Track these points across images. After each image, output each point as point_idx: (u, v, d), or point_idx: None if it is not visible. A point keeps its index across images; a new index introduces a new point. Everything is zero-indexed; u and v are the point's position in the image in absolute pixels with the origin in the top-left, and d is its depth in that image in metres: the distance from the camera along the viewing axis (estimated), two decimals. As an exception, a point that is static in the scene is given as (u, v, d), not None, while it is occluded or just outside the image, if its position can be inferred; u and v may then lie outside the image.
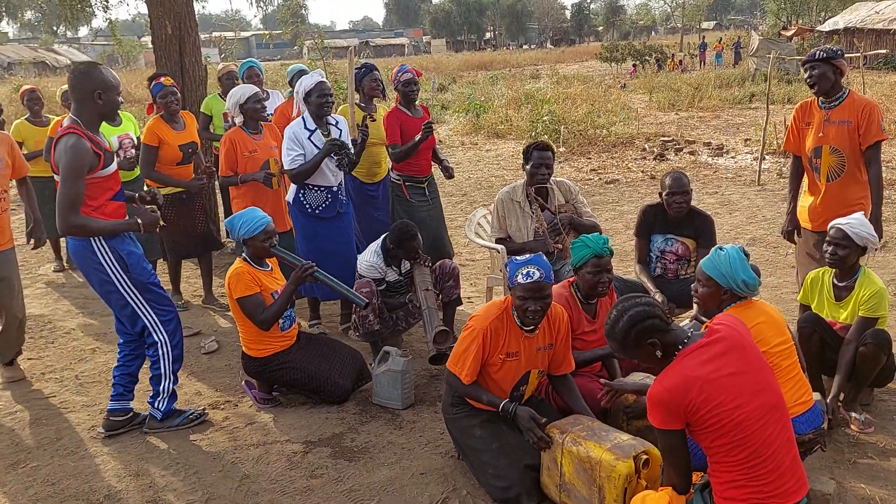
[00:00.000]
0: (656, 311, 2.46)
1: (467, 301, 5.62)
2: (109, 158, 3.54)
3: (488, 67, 40.57)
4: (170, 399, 3.85)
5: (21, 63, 45.98)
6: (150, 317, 3.69)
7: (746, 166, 10.94)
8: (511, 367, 3.25)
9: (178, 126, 5.40)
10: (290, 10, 26.39)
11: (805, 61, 4.30)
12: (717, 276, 3.10)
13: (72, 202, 3.36)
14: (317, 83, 4.71)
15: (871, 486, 3.19)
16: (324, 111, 4.74)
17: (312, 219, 4.82)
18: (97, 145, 3.45)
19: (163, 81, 5.30)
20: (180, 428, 3.86)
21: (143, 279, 3.65)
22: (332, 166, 4.76)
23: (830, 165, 4.27)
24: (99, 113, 3.50)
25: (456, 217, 8.67)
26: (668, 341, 2.45)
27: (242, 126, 5.00)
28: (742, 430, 2.31)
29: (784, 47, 25.20)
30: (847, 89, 4.27)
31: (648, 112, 18.23)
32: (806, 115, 4.41)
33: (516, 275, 3.11)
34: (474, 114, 16.64)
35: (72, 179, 3.34)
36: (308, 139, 4.70)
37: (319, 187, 4.78)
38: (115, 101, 3.52)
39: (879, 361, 3.57)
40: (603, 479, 2.83)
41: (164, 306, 3.74)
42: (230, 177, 4.97)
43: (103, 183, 3.51)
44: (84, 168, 3.37)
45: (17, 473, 3.55)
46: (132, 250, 3.64)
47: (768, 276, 5.94)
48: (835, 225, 3.71)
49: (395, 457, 3.58)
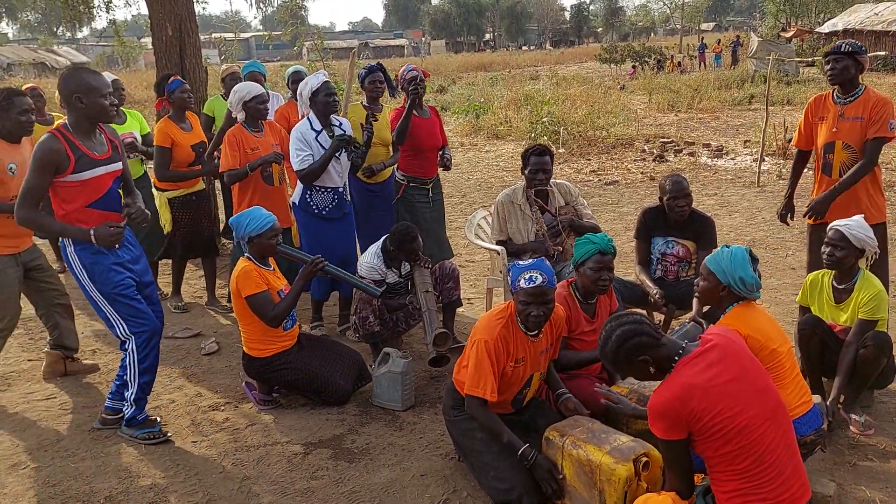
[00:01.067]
0: (644, 329, 2.47)
1: (467, 302, 5.62)
2: (86, 164, 3.49)
3: (488, 68, 40.59)
4: (135, 408, 3.78)
5: (21, 64, 46.00)
6: (120, 326, 3.66)
7: (746, 168, 10.95)
8: (518, 372, 3.24)
9: (186, 127, 5.46)
10: (290, 11, 26.38)
11: (828, 53, 4.27)
12: (718, 272, 3.11)
13: (25, 194, 3.44)
14: (322, 83, 4.73)
15: (872, 488, 3.19)
16: (330, 110, 4.76)
17: (319, 220, 4.84)
18: (75, 149, 3.45)
19: (180, 79, 5.49)
20: (134, 440, 3.78)
21: (109, 289, 3.59)
22: (338, 167, 4.78)
23: (843, 161, 4.28)
24: (84, 115, 3.50)
25: (456, 218, 8.68)
26: (661, 355, 2.46)
27: (244, 123, 5.01)
28: (745, 435, 2.31)
29: (783, 49, 25.25)
30: (864, 86, 4.27)
31: (648, 113, 18.24)
32: (820, 110, 4.41)
33: (519, 279, 3.10)
34: (474, 115, 16.65)
35: (32, 173, 3.43)
36: (315, 139, 4.72)
37: (326, 188, 4.80)
38: (99, 103, 3.47)
39: (879, 363, 3.58)
40: (603, 483, 2.84)
41: (136, 318, 3.66)
42: (237, 170, 4.89)
43: (76, 187, 3.49)
44: (46, 166, 3.41)
45: (18, 475, 3.56)
46: (98, 260, 3.56)
47: (768, 279, 5.94)
48: (833, 226, 3.72)
49: (395, 458, 3.58)
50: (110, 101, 3.54)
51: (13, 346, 5.23)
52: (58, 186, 3.49)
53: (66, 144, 3.44)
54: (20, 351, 5.14)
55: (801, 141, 4.56)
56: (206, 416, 4.08)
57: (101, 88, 3.48)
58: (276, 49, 62.14)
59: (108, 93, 3.52)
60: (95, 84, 3.47)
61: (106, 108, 3.52)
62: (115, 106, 3.60)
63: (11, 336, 5.40)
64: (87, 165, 3.50)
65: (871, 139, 4.16)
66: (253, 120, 4.97)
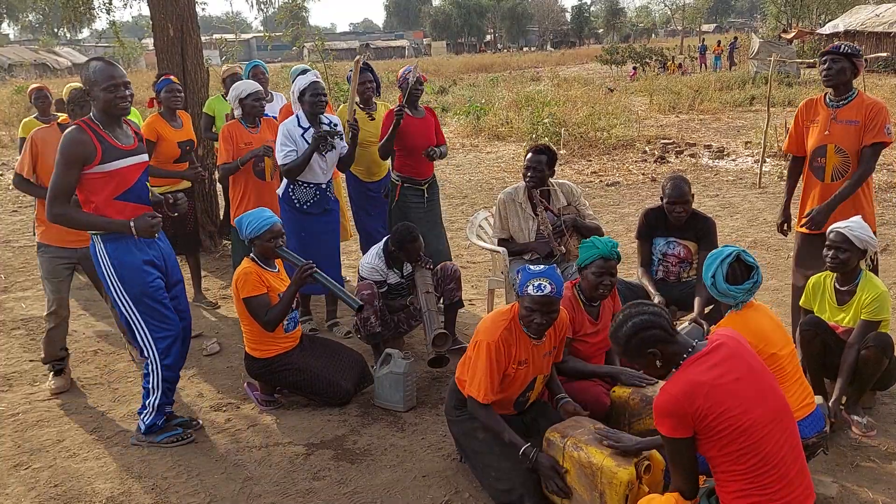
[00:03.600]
0: (662, 322, 2.46)
1: (469, 303, 5.62)
2: (113, 155, 3.43)
3: (488, 70, 40.58)
4: (156, 414, 3.73)
5: (22, 65, 46.03)
6: (142, 330, 3.59)
7: (747, 169, 10.94)
8: (521, 375, 3.24)
9: (177, 124, 5.51)
10: (291, 12, 26.36)
11: (827, 52, 4.19)
12: (704, 267, 3.11)
13: (56, 191, 3.36)
14: (311, 83, 4.78)
15: (874, 490, 3.18)
16: (317, 110, 4.80)
17: (300, 213, 4.93)
18: (101, 139, 3.40)
19: (171, 79, 5.52)
20: (162, 445, 3.73)
21: (136, 290, 3.52)
22: (322, 164, 4.85)
23: (835, 165, 4.21)
24: (99, 109, 3.45)
25: (457, 219, 8.68)
26: (671, 351, 2.45)
27: (241, 119, 5.06)
28: (750, 435, 2.31)
29: (784, 50, 25.23)
30: (857, 90, 4.21)
31: (649, 114, 18.22)
32: (811, 113, 4.34)
33: (527, 284, 3.06)
34: (475, 116, 16.65)
35: (59, 168, 3.36)
36: (301, 136, 4.78)
37: (308, 184, 4.89)
38: (104, 97, 3.37)
39: (882, 365, 3.57)
40: (604, 486, 2.83)
41: (161, 322, 3.59)
42: (229, 164, 4.98)
43: (103, 179, 3.43)
44: (74, 159, 3.34)
45: (20, 475, 3.56)
46: (128, 259, 3.50)
47: (769, 280, 5.94)
48: (834, 229, 3.70)
49: (397, 459, 3.58)
50: (117, 93, 3.39)
51: (14, 346, 5.24)
52: (84, 179, 3.41)
53: (92, 135, 3.38)
54: (21, 352, 5.14)
55: (794, 146, 4.45)
56: (208, 416, 4.08)
57: (102, 82, 3.37)
58: (276, 50, 62.15)
59: (114, 85, 3.38)
60: (96, 77, 3.38)
61: (111, 101, 3.40)
62: (122, 98, 3.42)
63: (13, 337, 5.44)
64: (113, 156, 3.43)
65: (868, 145, 4.10)
66: (249, 116, 5.04)
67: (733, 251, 3.09)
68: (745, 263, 3.09)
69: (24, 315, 5.88)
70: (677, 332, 2.50)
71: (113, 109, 3.44)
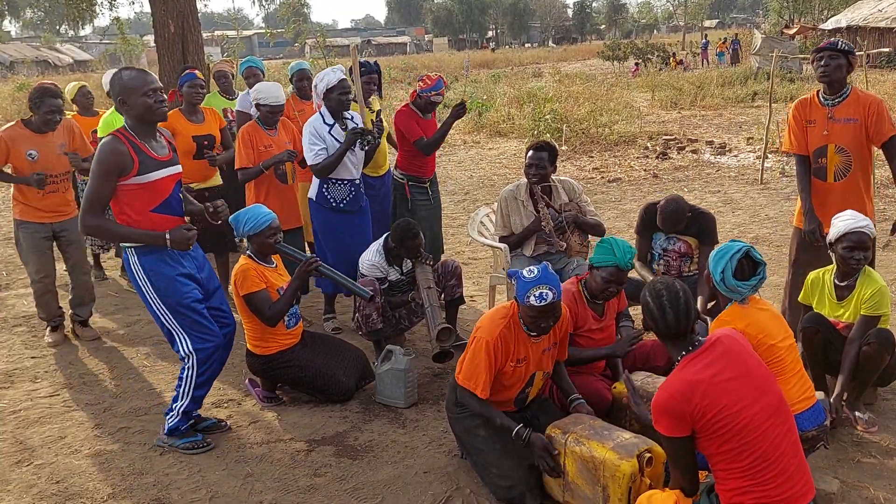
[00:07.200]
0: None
1: (470, 300, 5.62)
2: (150, 166, 3.37)
3: (490, 66, 40.54)
4: (180, 419, 3.68)
5: (23, 62, 46.07)
6: (183, 342, 3.54)
7: (749, 165, 10.93)
8: (520, 371, 3.24)
9: (196, 119, 5.47)
10: (292, 8, 26.34)
11: (823, 48, 4.12)
12: (712, 262, 3.11)
13: (91, 202, 3.31)
14: (339, 80, 4.74)
15: (875, 486, 3.18)
16: (343, 108, 4.79)
17: (336, 213, 4.86)
18: (138, 151, 3.34)
19: (195, 73, 5.53)
20: (180, 450, 3.68)
21: (174, 301, 3.46)
22: (353, 159, 4.82)
23: (837, 165, 4.17)
24: (133, 117, 3.38)
25: (458, 216, 8.67)
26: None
27: (258, 121, 5.04)
28: (748, 433, 2.31)
29: (786, 46, 25.15)
30: (850, 86, 4.16)
31: (651, 110, 18.20)
32: (807, 113, 4.26)
33: (528, 295, 3.03)
34: (476, 112, 16.63)
35: (95, 178, 3.30)
36: (329, 133, 4.74)
37: (343, 181, 4.83)
38: (143, 103, 3.31)
39: (883, 360, 3.56)
40: (607, 479, 2.83)
41: (200, 333, 3.53)
42: (250, 168, 4.91)
43: (138, 191, 3.36)
44: (110, 170, 3.27)
45: (22, 471, 3.56)
46: (163, 271, 3.43)
47: (771, 275, 5.92)
48: (855, 230, 3.59)
49: (398, 455, 3.58)
50: (155, 98, 3.35)
51: (16, 343, 5.25)
52: (120, 191, 3.34)
53: (129, 146, 3.31)
54: (23, 348, 5.15)
55: (796, 146, 4.32)
56: (210, 413, 4.07)
57: (141, 87, 3.31)
58: (278, 46, 62.14)
59: (151, 90, 3.34)
60: (134, 84, 3.32)
61: (150, 107, 3.34)
62: (161, 102, 3.38)
63: (14, 333, 5.45)
64: (150, 167, 3.37)
65: (884, 142, 4.06)
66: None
67: (742, 247, 3.08)
68: (752, 260, 3.10)
69: (25, 312, 5.89)
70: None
71: (152, 115, 3.39)
